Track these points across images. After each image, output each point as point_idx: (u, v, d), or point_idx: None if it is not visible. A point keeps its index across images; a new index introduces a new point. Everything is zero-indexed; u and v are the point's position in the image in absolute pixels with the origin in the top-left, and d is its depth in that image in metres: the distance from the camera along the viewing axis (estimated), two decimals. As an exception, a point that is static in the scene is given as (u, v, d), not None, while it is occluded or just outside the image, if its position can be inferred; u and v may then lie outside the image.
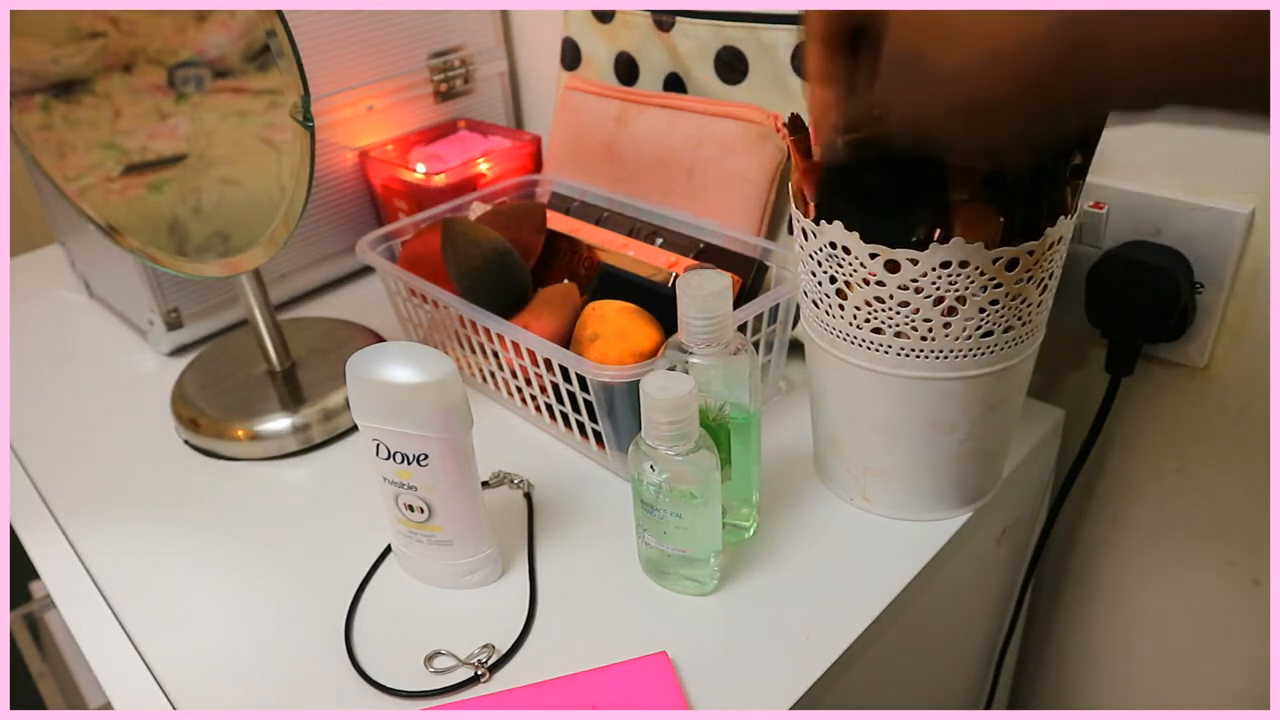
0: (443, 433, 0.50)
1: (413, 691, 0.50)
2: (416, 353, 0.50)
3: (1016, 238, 0.46)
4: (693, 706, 0.47)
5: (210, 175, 0.65)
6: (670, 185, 0.75)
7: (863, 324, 0.50)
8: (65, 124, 0.67)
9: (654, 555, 0.54)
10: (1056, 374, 0.71)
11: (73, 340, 0.89)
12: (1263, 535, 0.66)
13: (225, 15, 0.59)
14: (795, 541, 0.58)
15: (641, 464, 0.50)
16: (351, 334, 0.80)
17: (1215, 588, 0.70)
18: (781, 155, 0.68)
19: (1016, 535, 0.71)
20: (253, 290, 0.71)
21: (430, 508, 0.53)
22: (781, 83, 0.69)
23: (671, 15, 0.75)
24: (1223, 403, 0.64)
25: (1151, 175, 0.60)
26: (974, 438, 0.54)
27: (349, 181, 0.91)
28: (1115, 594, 0.77)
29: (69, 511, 0.66)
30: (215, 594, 0.58)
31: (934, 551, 0.56)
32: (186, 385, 0.75)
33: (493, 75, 0.99)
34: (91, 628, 0.56)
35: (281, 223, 0.64)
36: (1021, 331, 0.50)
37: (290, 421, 0.70)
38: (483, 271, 0.68)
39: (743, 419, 0.54)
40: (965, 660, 0.75)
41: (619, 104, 0.78)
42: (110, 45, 0.63)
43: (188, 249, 0.69)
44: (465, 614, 0.55)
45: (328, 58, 0.85)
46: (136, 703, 0.51)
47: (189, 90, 0.63)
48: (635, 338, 0.60)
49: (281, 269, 0.89)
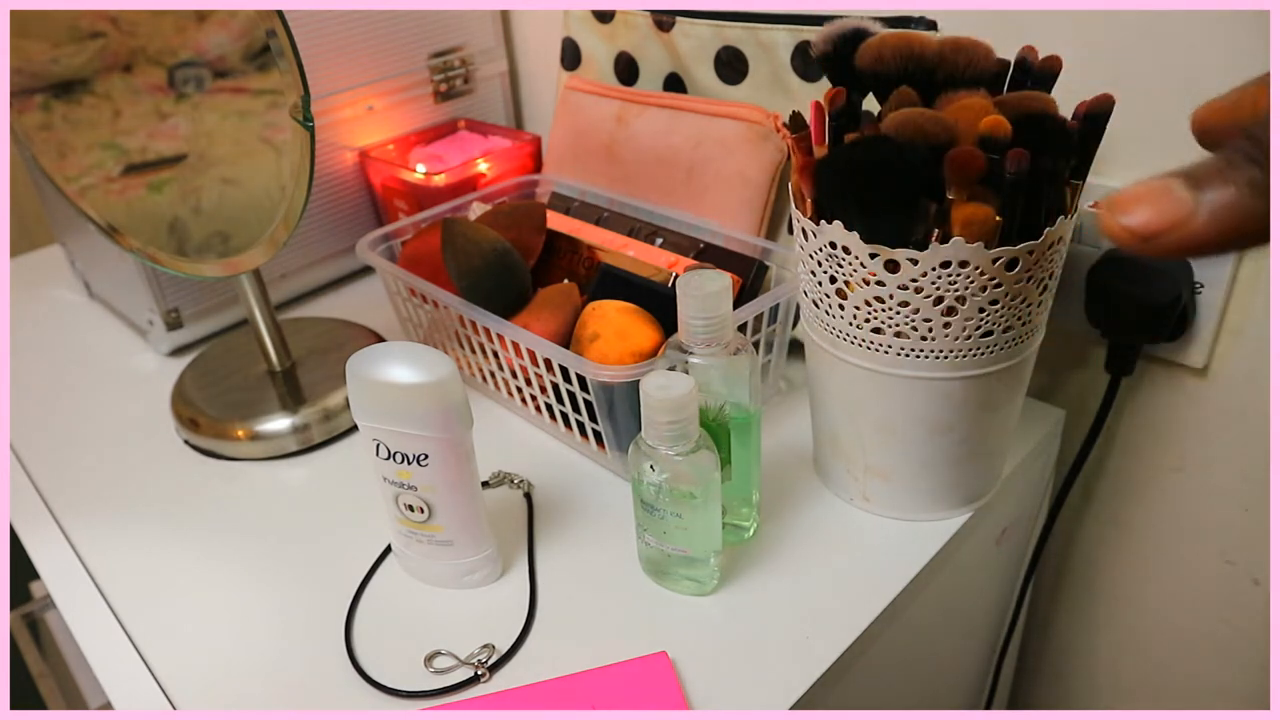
0: (443, 433, 0.51)
1: (413, 691, 0.50)
2: (416, 353, 0.50)
3: (1016, 238, 0.46)
4: (693, 706, 0.48)
5: (210, 175, 0.65)
6: (670, 185, 0.75)
7: (863, 324, 0.50)
8: (65, 124, 0.67)
9: (654, 555, 0.54)
10: (1056, 374, 0.71)
11: (73, 340, 0.89)
12: (1262, 535, 0.66)
13: (225, 15, 0.59)
14: (795, 541, 0.58)
15: (641, 464, 0.50)
16: (351, 334, 0.80)
17: (1215, 588, 0.70)
18: (781, 155, 0.68)
19: (1016, 535, 0.71)
20: (253, 290, 0.71)
21: (430, 508, 0.53)
22: (781, 83, 0.70)
23: (671, 15, 0.75)
24: (1223, 403, 0.64)
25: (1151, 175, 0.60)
26: (974, 438, 0.54)
27: (349, 181, 0.91)
28: (1115, 594, 0.77)
29: (69, 511, 0.66)
30: (215, 594, 0.58)
31: (934, 551, 0.56)
32: (186, 385, 0.75)
33: (493, 75, 0.99)
34: (91, 628, 0.56)
35: (281, 223, 0.64)
36: (1021, 331, 0.50)
37: (290, 421, 0.70)
38: (483, 271, 0.68)
39: (743, 419, 0.54)
40: (965, 660, 0.75)
41: (619, 104, 0.78)
42: (110, 45, 0.63)
43: (188, 249, 0.69)
44: (465, 614, 0.55)
45: (328, 58, 0.85)
46: (136, 703, 0.51)
47: (189, 90, 0.63)
48: (635, 338, 0.60)
49: (281, 269, 0.89)
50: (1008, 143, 0.44)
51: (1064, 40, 0.60)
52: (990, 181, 0.45)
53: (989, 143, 0.45)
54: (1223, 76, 0.55)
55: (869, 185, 0.46)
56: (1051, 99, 0.47)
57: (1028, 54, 0.50)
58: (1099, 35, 0.59)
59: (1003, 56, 0.51)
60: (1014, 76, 0.51)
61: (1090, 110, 0.47)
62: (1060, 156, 0.46)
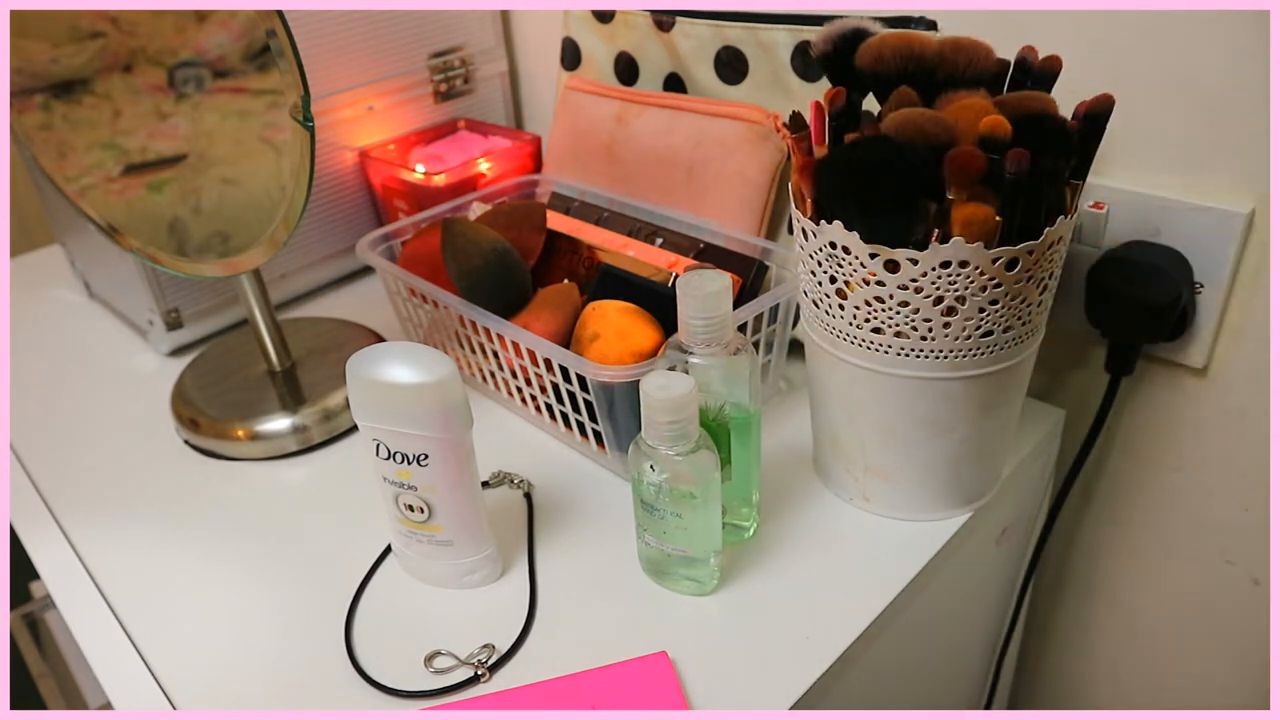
0: (443, 433, 0.51)
1: (413, 691, 0.50)
2: (416, 353, 0.50)
3: (1016, 238, 0.46)
4: (693, 706, 0.48)
5: (210, 175, 0.65)
6: (670, 185, 0.75)
7: (863, 324, 0.50)
8: (65, 124, 0.67)
9: (654, 555, 0.54)
10: (1056, 374, 0.71)
11: (73, 340, 0.89)
12: (1262, 535, 0.66)
13: (225, 15, 0.59)
14: (795, 541, 0.58)
15: (641, 464, 0.50)
16: (351, 334, 0.80)
17: (1215, 588, 0.70)
18: (781, 155, 0.68)
19: (1016, 535, 0.71)
20: (253, 290, 0.71)
21: (430, 508, 0.53)
22: (781, 83, 0.70)
23: (671, 15, 0.75)
24: (1223, 403, 0.64)
25: (1151, 175, 0.60)
26: (974, 438, 0.54)
27: (349, 181, 0.91)
28: (1115, 594, 0.77)
29: (69, 511, 0.66)
30: (215, 594, 0.58)
31: (934, 551, 0.56)
32: (186, 385, 0.75)
33: (493, 75, 0.99)
34: (91, 628, 0.56)
35: (281, 223, 0.64)
36: (1021, 331, 0.50)
37: (290, 421, 0.70)
38: (483, 271, 0.68)
39: (743, 419, 0.54)
40: (965, 660, 0.75)
41: (619, 104, 0.78)
42: (110, 45, 0.63)
43: (188, 249, 0.69)
44: (465, 614, 0.55)
45: (328, 58, 0.85)
46: (136, 703, 0.51)
47: (189, 90, 0.63)
48: (635, 338, 0.60)
49: (281, 269, 0.89)
50: (1008, 143, 0.44)
51: (1064, 40, 0.60)
52: (990, 181, 0.45)
53: (989, 143, 0.45)
54: (1223, 76, 0.55)
55: (869, 185, 0.46)
56: (1051, 99, 0.47)
57: (1028, 54, 0.50)
58: (1099, 35, 0.59)
59: (1003, 56, 0.51)
60: (1014, 76, 0.51)
61: (1090, 110, 0.47)
62: (1060, 156, 0.46)
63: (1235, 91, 0.55)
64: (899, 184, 0.46)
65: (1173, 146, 0.59)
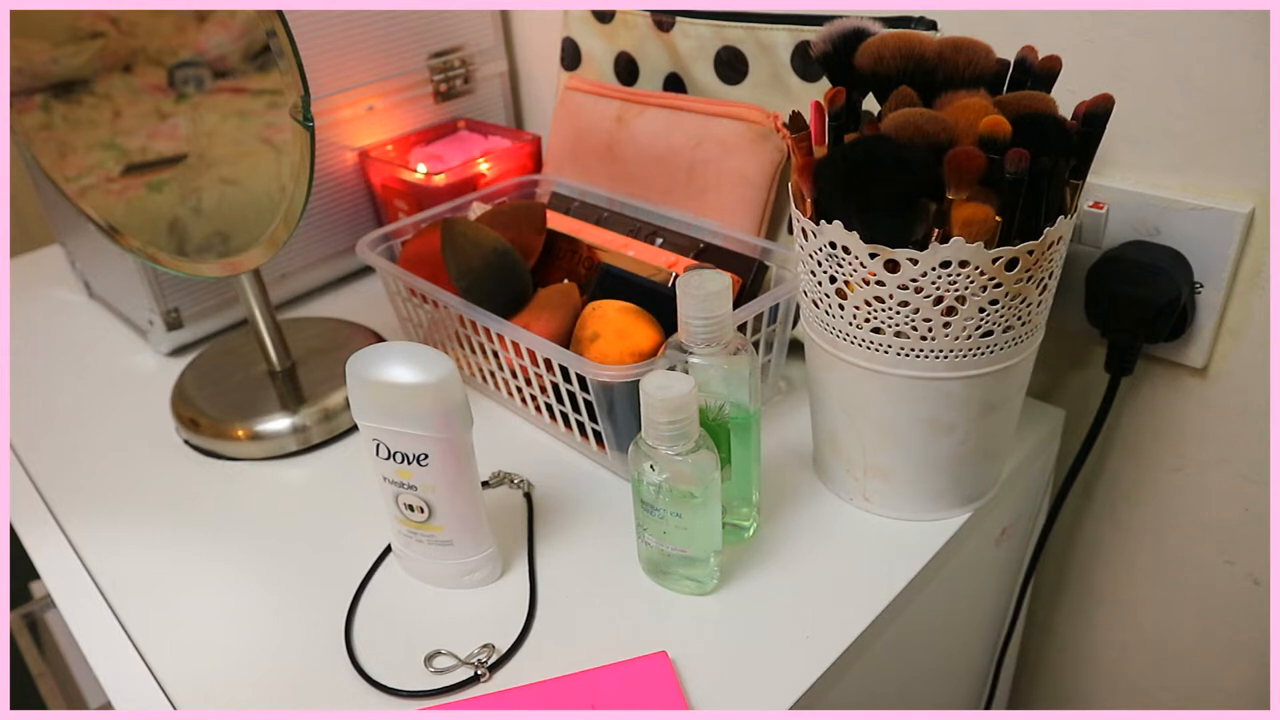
0: (443, 433, 0.51)
1: (413, 691, 0.50)
2: (416, 353, 0.50)
3: (1016, 238, 0.46)
4: (693, 706, 0.48)
5: (210, 175, 0.65)
6: (670, 185, 0.75)
7: (863, 324, 0.50)
8: (65, 124, 0.67)
9: (654, 555, 0.54)
10: (1056, 374, 0.71)
11: (73, 340, 0.89)
12: (1262, 535, 0.66)
13: (225, 15, 0.59)
14: (795, 541, 0.58)
15: (641, 464, 0.50)
16: (351, 334, 0.80)
17: (1215, 588, 0.70)
18: (781, 155, 0.68)
19: (1016, 535, 0.71)
20: (253, 290, 0.71)
21: (430, 507, 0.53)
22: (781, 82, 0.70)
23: (671, 15, 0.75)
24: (1223, 403, 0.64)
25: (1151, 175, 0.60)
26: (974, 437, 0.54)
27: (349, 181, 0.91)
28: (1115, 594, 0.77)
29: (69, 511, 0.66)
30: (215, 594, 0.58)
31: (934, 551, 0.56)
32: (186, 385, 0.75)
33: (493, 75, 0.99)
34: (91, 628, 0.56)
35: (281, 223, 0.64)
36: (1021, 331, 0.50)
37: (290, 421, 0.70)
38: (483, 271, 0.68)
39: (743, 419, 0.54)
40: (965, 660, 0.75)
41: (619, 104, 0.78)
42: (110, 45, 0.63)
43: (188, 249, 0.69)
44: (465, 614, 0.55)
45: (328, 58, 0.85)
46: (136, 703, 0.51)
47: (189, 90, 0.63)
48: (635, 338, 0.60)
49: (281, 269, 0.89)
50: (1008, 143, 0.44)
51: (1064, 40, 0.60)
52: (990, 181, 0.45)
53: (989, 143, 0.45)
54: (1222, 76, 0.55)
55: (869, 185, 0.46)
56: (1051, 99, 0.48)
57: (1028, 54, 0.50)
58: (1099, 35, 0.59)
59: (1003, 56, 0.51)
60: (1014, 76, 0.51)
61: (1090, 110, 0.47)
62: (1060, 156, 0.46)
63: (1235, 91, 0.55)
64: (899, 184, 0.46)
65: (1172, 146, 0.59)
